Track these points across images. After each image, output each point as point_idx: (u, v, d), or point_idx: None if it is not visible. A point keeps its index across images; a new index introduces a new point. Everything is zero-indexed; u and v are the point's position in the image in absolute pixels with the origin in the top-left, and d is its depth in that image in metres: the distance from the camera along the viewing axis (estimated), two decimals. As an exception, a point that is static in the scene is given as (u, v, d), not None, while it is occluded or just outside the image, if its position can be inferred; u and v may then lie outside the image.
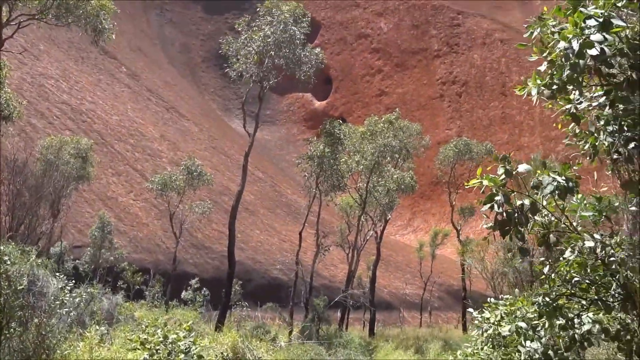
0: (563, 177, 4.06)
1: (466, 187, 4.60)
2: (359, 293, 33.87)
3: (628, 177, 4.50)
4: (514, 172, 4.25)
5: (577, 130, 4.63)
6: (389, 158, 33.61)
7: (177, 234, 31.55)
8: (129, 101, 55.63)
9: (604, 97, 4.05)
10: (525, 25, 4.52)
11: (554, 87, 3.89)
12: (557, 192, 4.01)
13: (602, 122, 4.32)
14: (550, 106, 4.57)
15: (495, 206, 4.20)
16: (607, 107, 4.12)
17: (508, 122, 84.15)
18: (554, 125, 5.28)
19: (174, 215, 31.49)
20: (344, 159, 30.93)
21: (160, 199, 32.89)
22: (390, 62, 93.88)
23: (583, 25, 3.48)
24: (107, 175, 40.01)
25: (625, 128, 4.17)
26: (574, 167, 4.17)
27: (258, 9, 27.98)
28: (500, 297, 6.01)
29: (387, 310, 42.78)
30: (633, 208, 4.76)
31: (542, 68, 4.04)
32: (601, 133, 4.27)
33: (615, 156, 4.27)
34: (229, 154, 60.83)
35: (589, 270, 4.39)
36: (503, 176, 4.20)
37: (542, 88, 4.00)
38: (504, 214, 4.21)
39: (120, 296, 20.70)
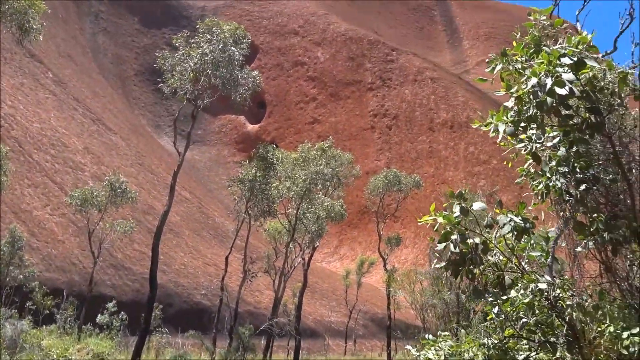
0: (520, 218, 4.03)
1: (419, 223, 4.46)
2: (285, 321, 33.26)
3: (578, 218, 4.55)
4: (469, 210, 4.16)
5: (532, 170, 4.63)
6: (320, 185, 33.67)
7: (95, 253, 29.74)
8: (53, 109, 52.65)
9: (563, 138, 4.07)
10: (487, 60, 4.51)
11: (519, 124, 3.86)
12: (514, 232, 3.97)
13: (554, 163, 4.35)
14: (503, 144, 4.58)
15: (451, 245, 4.08)
16: (561, 148, 4.17)
17: (434, 156, 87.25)
18: (505, 162, 5.30)
19: (93, 233, 29.73)
20: (275, 184, 30.64)
21: (80, 215, 30.97)
22: (325, 91, 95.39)
23: (557, 62, 3.46)
24: (22, 187, 37.32)
25: (578, 170, 4.22)
26: (529, 207, 4.16)
27: (197, 26, 27.48)
28: (427, 327, 5.88)
29: (311, 338, 42.28)
30: (579, 249, 4.81)
31: (509, 104, 4.01)
32: (554, 174, 4.30)
33: (567, 197, 4.31)
34: (156, 172, 58.81)
35: (536, 311, 4.36)
36: (458, 214, 4.11)
37: (509, 125, 3.95)
38: (459, 254, 4.10)
39: (27, 321, 18.96)
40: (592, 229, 4.25)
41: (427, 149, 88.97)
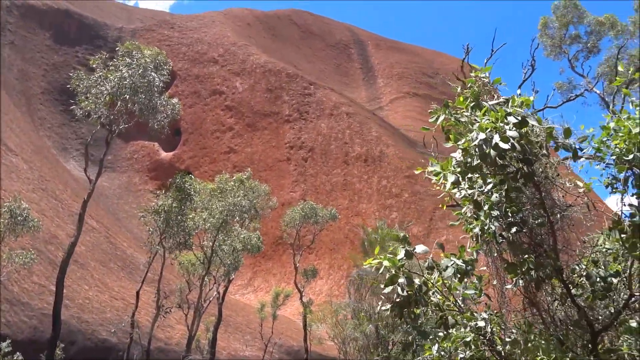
0: (461, 260, 4.26)
1: (364, 266, 4.58)
2: (199, 357, 32.07)
3: (505, 257, 4.88)
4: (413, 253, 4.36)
5: (468, 214, 4.92)
6: (237, 217, 33.30)
7: (-12, 287, 27.29)
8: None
9: (498, 185, 4.39)
10: (429, 111, 4.78)
11: (466, 174, 4.12)
12: (457, 274, 4.18)
13: (486, 207, 4.66)
14: (437, 187, 4.85)
15: (399, 289, 4.22)
16: (494, 194, 4.49)
17: (348, 189, 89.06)
18: (440, 206, 5.59)
19: (-13, 265, 27.29)
20: (191, 216, 29.87)
21: (-28, 246, 28.31)
22: (242, 121, 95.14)
23: (505, 120, 3.77)
24: None
25: (509, 214, 4.56)
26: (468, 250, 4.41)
27: (117, 49, 26.62)
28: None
29: (224, 375, 40.94)
30: (508, 286, 5.14)
31: (456, 155, 4.27)
32: (488, 218, 4.60)
33: (499, 240, 4.62)
34: (60, 198, 55.27)
35: (472, 347, 4.58)
36: (402, 257, 4.28)
37: (457, 175, 4.21)
38: (404, 296, 4.25)
39: None
40: (523, 269, 4.57)
41: (342, 182, 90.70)
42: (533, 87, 24.88)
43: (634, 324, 4.54)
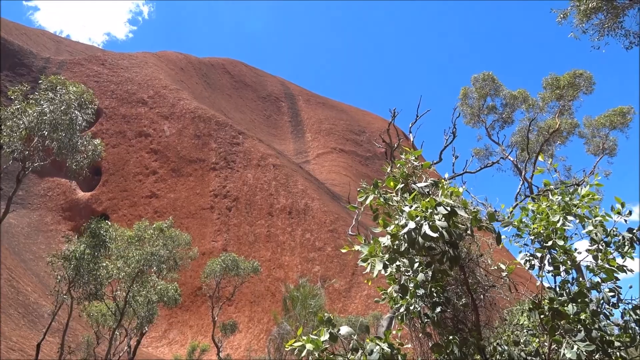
0: (387, 344, 4.20)
1: (287, 349, 4.41)
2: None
3: (435, 339, 4.89)
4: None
5: (394, 295, 4.92)
6: (155, 267, 31.90)
7: None
8: None
9: (424, 267, 4.44)
10: (359, 190, 4.82)
11: (394, 261, 4.14)
12: (382, 358, 4.10)
13: (411, 285, 4.69)
14: (368, 270, 4.84)
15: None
16: (420, 274, 4.53)
17: (272, 241, 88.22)
18: (365, 281, 5.57)
19: None
20: (104, 264, 28.22)
21: None
22: (167, 165, 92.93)
23: (436, 210, 3.84)
24: None
25: (434, 294, 4.60)
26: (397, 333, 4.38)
27: (40, 81, 25.45)
28: None
29: None
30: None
31: (385, 241, 4.28)
32: (413, 297, 4.62)
33: (424, 319, 4.63)
34: (-43, 239, 50.75)
35: None
36: (326, 339, 4.16)
37: (384, 260, 4.21)
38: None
39: None
40: (448, 350, 4.59)
41: (265, 233, 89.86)
42: (454, 152, 25.95)
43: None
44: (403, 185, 4.34)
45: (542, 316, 4.50)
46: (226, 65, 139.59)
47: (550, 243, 4.47)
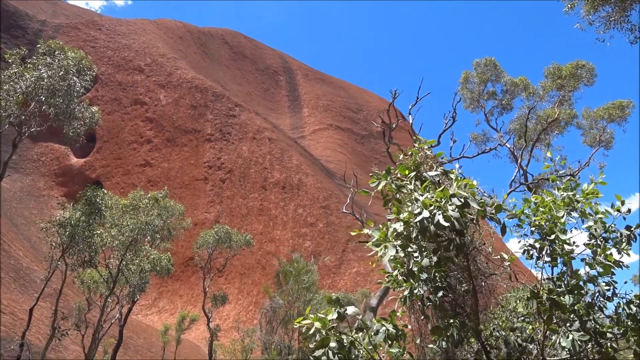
0: (392, 325, 4.38)
1: (295, 326, 4.57)
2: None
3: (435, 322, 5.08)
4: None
5: (399, 277, 5.08)
6: (148, 237, 32.04)
7: None
8: None
9: (430, 252, 4.60)
10: (371, 174, 4.94)
11: (407, 247, 4.28)
12: (388, 339, 4.28)
13: (415, 269, 4.85)
14: (378, 258, 4.99)
15: (330, 353, 4.25)
16: (425, 259, 4.69)
17: (264, 214, 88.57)
18: (370, 263, 5.72)
19: None
20: (99, 232, 28.24)
21: None
22: (162, 135, 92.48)
23: (450, 201, 3.97)
24: None
25: (438, 278, 4.77)
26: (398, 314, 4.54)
27: (39, 45, 25.09)
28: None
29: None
30: (431, 346, 5.34)
31: (398, 227, 4.41)
32: (417, 281, 4.79)
33: (427, 303, 4.81)
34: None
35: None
36: (334, 318, 4.32)
37: (398, 247, 4.35)
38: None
39: None
40: (448, 333, 4.78)
41: (258, 206, 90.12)
42: (452, 136, 26.08)
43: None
44: (415, 173, 4.46)
45: (539, 305, 4.69)
46: (225, 36, 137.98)
47: (553, 236, 4.64)
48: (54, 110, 25.41)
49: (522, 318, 5.33)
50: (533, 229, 5.29)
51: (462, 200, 4.04)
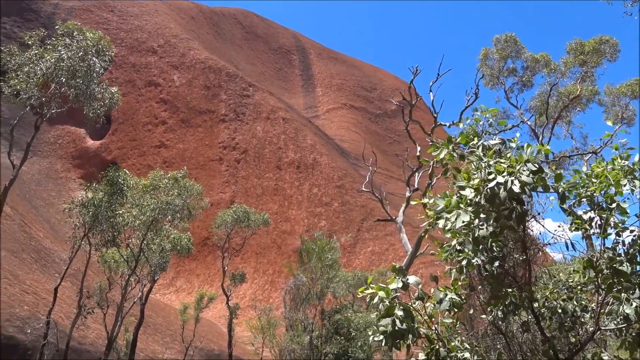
0: (454, 294, 4.37)
1: (359, 296, 4.59)
2: (115, 359, 30.69)
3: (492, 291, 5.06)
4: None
5: (458, 247, 5.06)
6: (169, 216, 32.31)
7: None
8: None
9: (492, 221, 4.55)
10: (430, 143, 4.89)
11: (478, 214, 4.24)
12: (453, 307, 4.28)
13: (471, 239, 4.82)
14: (430, 227, 4.97)
15: (397, 322, 4.25)
16: (483, 229, 4.65)
17: (279, 194, 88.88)
18: (434, 242, 5.70)
19: None
20: (121, 212, 28.55)
21: None
22: (176, 116, 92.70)
23: (525, 167, 3.91)
24: None
25: (494, 249, 4.73)
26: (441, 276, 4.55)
27: (57, 27, 25.09)
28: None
29: (139, 378, 39.29)
30: (484, 316, 5.34)
31: (468, 194, 4.37)
32: (475, 252, 4.75)
33: (483, 272, 4.79)
34: (-29, 181, 51.28)
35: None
36: (399, 288, 4.32)
37: (471, 214, 4.31)
38: (401, 328, 4.28)
39: None
40: (505, 302, 4.77)
41: (273, 186, 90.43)
42: (473, 113, 25.82)
43: (605, 357, 4.85)
44: (475, 140, 4.41)
45: (599, 274, 4.65)
46: (237, 16, 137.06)
47: (614, 205, 4.57)
48: (74, 91, 25.48)
49: (579, 287, 5.29)
50: (584, 199, 5.21)
51: (537, 165, 3.99)
